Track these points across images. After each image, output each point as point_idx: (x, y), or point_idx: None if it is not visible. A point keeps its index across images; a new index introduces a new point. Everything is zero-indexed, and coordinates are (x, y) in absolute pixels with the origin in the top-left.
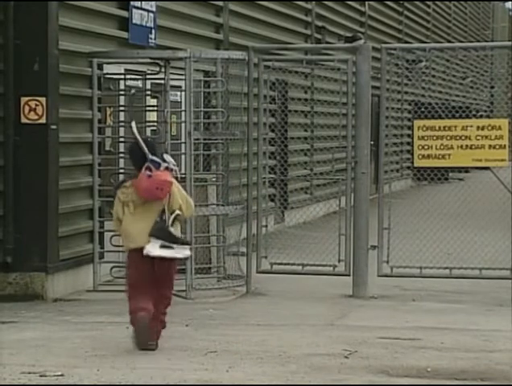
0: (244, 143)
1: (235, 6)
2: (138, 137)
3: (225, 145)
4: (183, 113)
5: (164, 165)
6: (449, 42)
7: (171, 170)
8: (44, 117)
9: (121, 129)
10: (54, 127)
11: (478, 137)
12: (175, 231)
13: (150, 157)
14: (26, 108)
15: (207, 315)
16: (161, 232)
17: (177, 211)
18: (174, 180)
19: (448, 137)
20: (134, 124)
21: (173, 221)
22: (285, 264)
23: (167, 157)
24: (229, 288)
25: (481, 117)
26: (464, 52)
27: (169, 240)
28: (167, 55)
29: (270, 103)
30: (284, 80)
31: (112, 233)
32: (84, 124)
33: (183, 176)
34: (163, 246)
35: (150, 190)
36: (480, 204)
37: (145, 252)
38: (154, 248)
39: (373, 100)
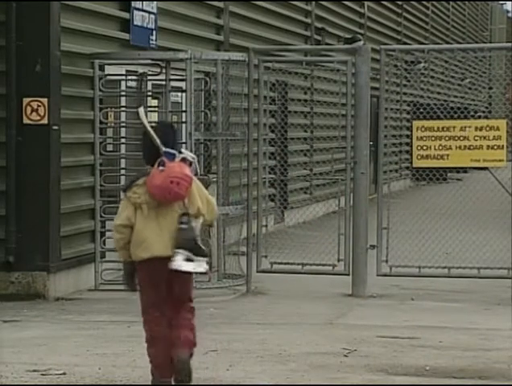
0: (244, 144)
1: (235, 7)
2: (148, 126)
3: (226, 146)
4: (183, 114)
5: (181, 156)
6: (448, 43)
7: (190, 163)
8: (46, 117)
9: (123, 130)
10: (56, 128)
11: (476, 138)
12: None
13: (164, 149)
14: (29, 109)
15: (207, 314)
16: (190, 243)
17: (203, 217)
18: (193, 176)
19: (447, 138)
20: (142, 110)
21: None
22: (285, 263)
23: (185, 150)
24: (230, 287)
25: (480, 117)
26: (462, 53)
27: (196, 252)
28: (168, 57)
29: (270, 104)
30: (284, 81)
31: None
32: (86, 124)
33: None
34: (187, 259)
35: (165, 188)
36: (478, 204)
37: (174, 266)
38: (183, 262)
39: (373, 101)
